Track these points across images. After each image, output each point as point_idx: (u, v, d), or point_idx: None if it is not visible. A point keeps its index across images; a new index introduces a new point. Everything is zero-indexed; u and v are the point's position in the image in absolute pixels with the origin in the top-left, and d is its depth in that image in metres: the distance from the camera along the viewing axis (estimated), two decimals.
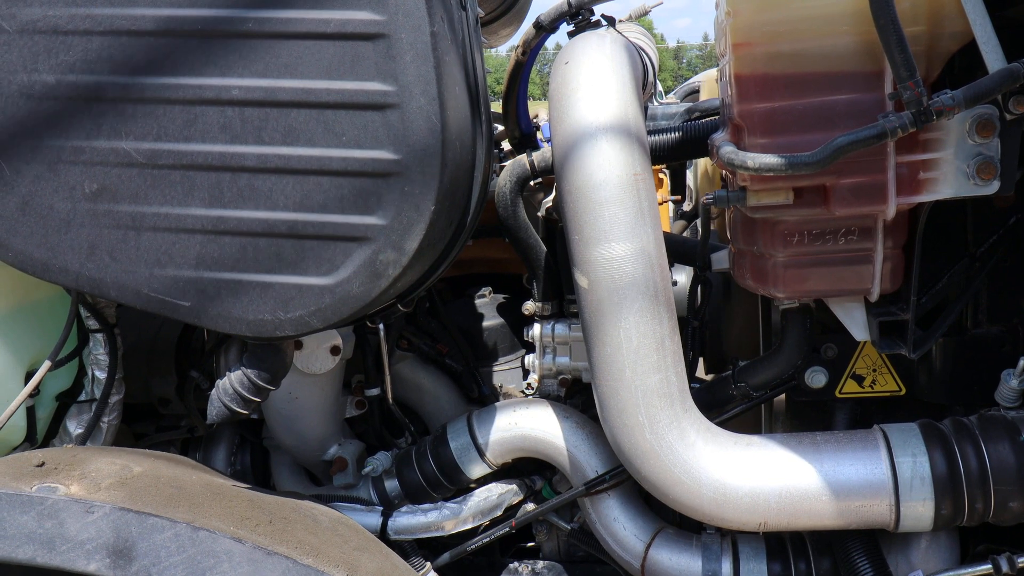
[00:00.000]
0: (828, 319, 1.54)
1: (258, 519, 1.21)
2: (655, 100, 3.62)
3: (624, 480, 1.61)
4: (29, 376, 1.49)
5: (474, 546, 1.71)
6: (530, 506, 1.76)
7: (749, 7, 1.28)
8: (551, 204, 1.71)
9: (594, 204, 1.37)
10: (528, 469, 1.79)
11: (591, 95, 1.40)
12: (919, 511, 1.35)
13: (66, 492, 1.12)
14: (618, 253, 1.36)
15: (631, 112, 1.40)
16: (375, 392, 1.83)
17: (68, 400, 1.58)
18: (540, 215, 1.75)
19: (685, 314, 1.77)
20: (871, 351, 1.57)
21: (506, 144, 1.97)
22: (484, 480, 1.75)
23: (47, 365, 1.46)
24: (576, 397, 1.82)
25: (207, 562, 1.09)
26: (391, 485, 1.74)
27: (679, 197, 3.79)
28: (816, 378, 1.57)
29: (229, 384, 1.38)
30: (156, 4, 1.18)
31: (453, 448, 1.70)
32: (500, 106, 1.86)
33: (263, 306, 1.24)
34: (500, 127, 1.98)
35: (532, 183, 1.75)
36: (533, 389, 1.81)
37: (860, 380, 1.59)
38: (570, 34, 1.56)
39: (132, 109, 1.21)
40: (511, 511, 1.76)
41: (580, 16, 1.55)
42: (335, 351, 1.66)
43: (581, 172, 1.38)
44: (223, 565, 1.09)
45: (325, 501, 1.60)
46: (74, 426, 1.58)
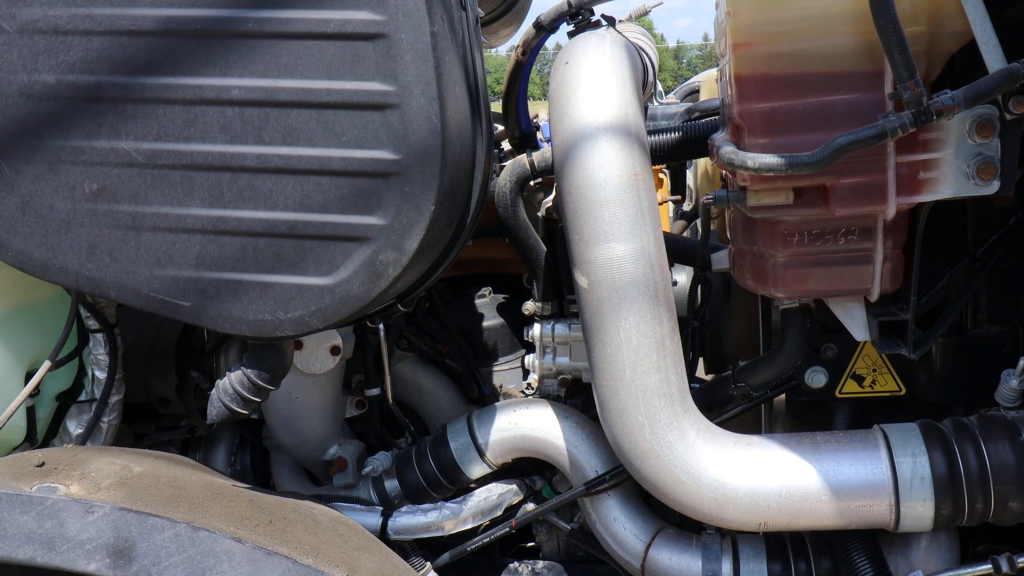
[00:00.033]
0: (828, 319, 1.54)
1: (258, 519, 1.21)
2: (655, 100, 3.61)
3: (624, 480, 1.61)
4: (29, 376, 1.49)
5: (474, 546, 1.71)
6: (530, 506, 1.76)
7: (749, 7, 1.28)
8: (551, 204, 1.71)
9: (594, 204, 1.37)
10: (528, 469, 1.79)
11: (591, 95, 1.40)
12: (919, 511, 1.35)
13: (66, 492, 1.12)
14: (618, 253, 1.36)
15: (631, 112, 1.40)
16: (375, 392, 1.83)
17: (68, 400, 1.58)
18: (540, 215, 1.74)
19: (685, 314, 1.77)
20: (871, 351, 1.57)
21: (506, 144, 1.97)
22: (484, 480, 1.75)
23: (47, 365, 1.46)
24: (576, 397, 1.82)
25: (207, 562, 1.09)
26: (391, 485, 1.74)
27: (679, 197, 3.79)
28: (816, 378, 1.57)
29: (229, 384, 1.38)
30: (156, 4, 1.18)
31: (453, 448, 1.70)
32: (500, 106, 1.86)
33: (263, 306, 1.24)
34: (500, 127, 1.97)
35: (532, 183, 1.75)
36: (533, 389, 1.81)
37: (860, 380, 1.58)
38: (570, 34, 1.56)
39: (132, 109, 1.21)
40: (511, 511, 1.76)
41: (580, 16, 1.55)
42: (335, 351, 1.66)
43: (581, 172, 1.38)
44: (223, 565, 1.09)
45: (325, 501, 1.60)
46: (74, 426, 1.58)
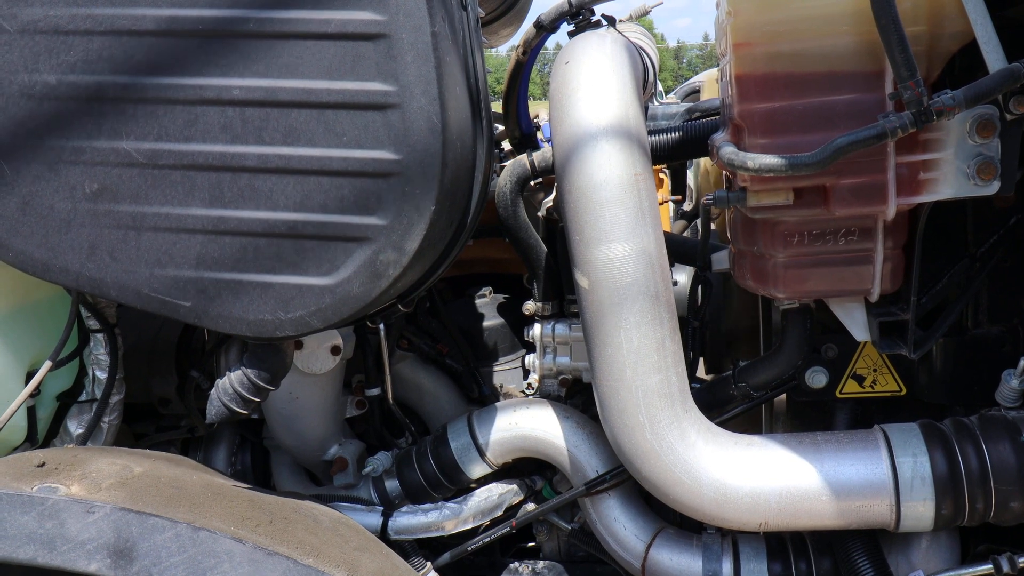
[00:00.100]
0: (828, 319, 1.54)
1: (259, 519, 1.21)
2: (655, 100, 3.61)
3: (624, 480, 1.61)
4: (30, 376, 1.49)
5: (474, 546, 1.71)
6: (530, 506, 1.75)
7: (750, 7, 1.28)
8: (551, 204, 1.71)
9: (595, 204, 1.37)
10: (528, 469, 1.79)
11: (592, 95, 1.40)
12: (920, 511, 1.35)
13: (67, 492, 1.12)
14: (619, 253, 1.36)
15: (632, 112, 1.40)
16: (375, 392, 1.83)
17: (69, 400, 1.58)
18: (540, 215, 1.74)
19: (685, 314, 1.77)
20: (871, 351, 1.57)
21: (506, 144, 1.97)
22: (484, 480, 1.75)
23: (48, 365, 1.46)
24: (576, 397, 1.82)
25: (208, 562, 1.09)
26: (391, 485, 1.74)
27: (679, 197, 3.79)
28: (816, 378, 1.57)
29: (229, 384, 1.38)
30: (157, 4, 1.18)
31: (453, 448, 1.70)
32: (500, 106, 1.86)
33: (263, 306, 1.24)
34: (500, 127, 1.97)
35: (532, 183, 1.75)
36: (533, 389, 1.81)
37: (860, 380, 1.58)
38: (570, 34, 1.56)
39: (133, 109, 1.21)
40: (511, 511, 1.75)
41: (580, 16, 1.55)
42: (335, 351, 1.65)
43: (582, 172, 1.38)
44: (224, 565, 1.09)
45: (325, 501, 1.60)
46: (75, 426, 1.58)
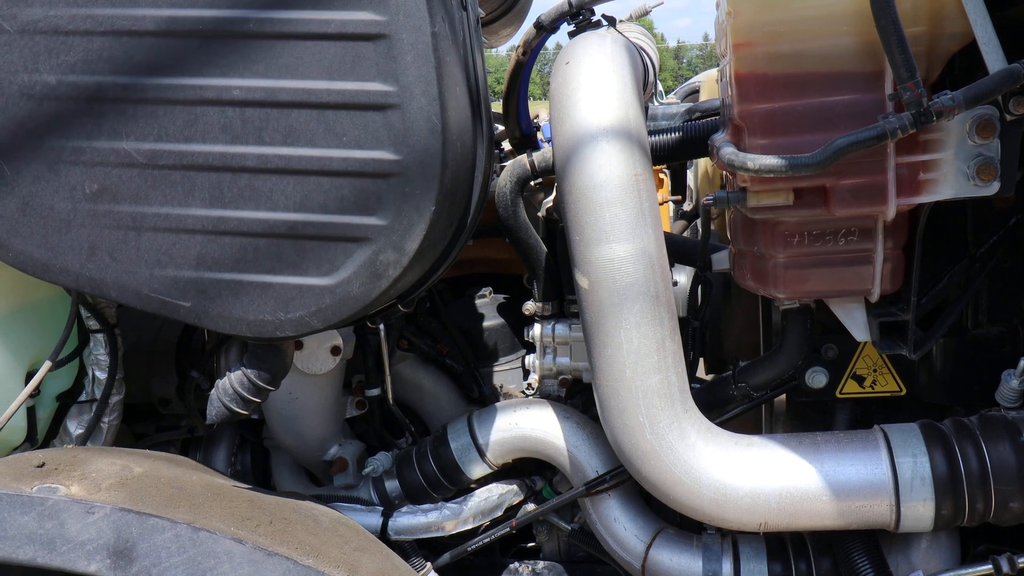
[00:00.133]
0: (828, 319, 1.54)
1: (258, 520, 1.21)
2: (655, 100, 3.62)
3: (624, 480, 1.61)
4: (30, 376, 1.49)
5: (474, 546, 1.71)
6: (530, 506, 1.75)
7: (750, 7, 1.28)
8: (551, 204, 1.71)
9: (595, 205, 1.37)
10: (528, 469, 1.79)
11: (592, 95, 1.40)
12: (919, 511, 1.35)
13: (66, 493, 1.12)
14: (619, 254, 1.36)
15: (632, 112, 1.40)
16: (375, 392, 1.83)
17: (68, 400, 1.58)
18: (540, 215, 1.74)
19: (685, 314, 1.77)
20: (871, 351, 1.57)
21: (506, 144, 1.97)
22: (484, 480, 1.75)
23: (47, 365, 1.46)
24: (576, 397, 1.82)
25: (208, 563, 1.09)
26: (391, 485, 1.74)
27: (679, 197, 3.79)
28: (816, 378, 1.57)
29: (229, 384, 1.38)
30: (157, 4, 1.18)
31: (454, 448, 1.70)
32: (500, 106, 1.86)
33: (263, 306, 1.24)
34: (500, 127, 1.97)
35: (532, 183, 1.75)
36: (533, 389, 1.81)
37: (860, 380, 1.58)
38: (571, 34, 1.56)
39: (133, 109, 1.21)
40: (511, 511, 1.75)
41: (581, 16, 1.55)
42: (335, 351, 1.65)
43: (582, 172, 1.38)
44: (224, 566, 1.09)
45: (325, 501, 1.60)
46: (74, 426, 1.58)
